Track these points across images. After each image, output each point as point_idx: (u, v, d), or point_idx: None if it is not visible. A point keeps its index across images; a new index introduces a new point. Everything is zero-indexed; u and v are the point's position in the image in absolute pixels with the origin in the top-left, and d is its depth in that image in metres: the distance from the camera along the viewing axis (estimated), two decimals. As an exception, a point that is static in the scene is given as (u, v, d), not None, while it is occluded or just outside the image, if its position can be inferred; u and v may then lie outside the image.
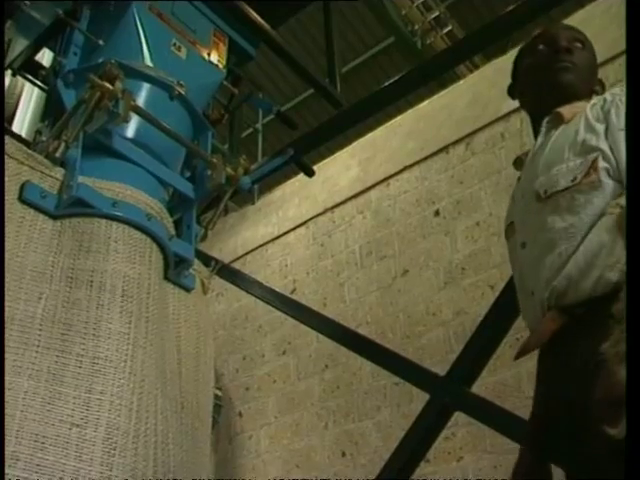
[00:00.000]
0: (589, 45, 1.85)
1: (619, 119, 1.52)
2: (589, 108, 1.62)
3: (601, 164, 1.49)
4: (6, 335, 1.49)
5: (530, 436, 1.60)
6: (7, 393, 1.42)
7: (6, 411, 1.39)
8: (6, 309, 1.51)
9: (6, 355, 1.46)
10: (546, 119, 1.74)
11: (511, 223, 1.77)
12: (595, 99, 1.66)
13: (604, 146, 1.51)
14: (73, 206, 1.72)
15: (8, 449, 1.36)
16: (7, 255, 1.58)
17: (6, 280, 1.54)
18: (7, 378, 1.44)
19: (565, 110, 1.69)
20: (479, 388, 2.96)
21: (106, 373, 1.53)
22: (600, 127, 1.54)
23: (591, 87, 1.79)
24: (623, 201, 1.39)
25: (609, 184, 1.47)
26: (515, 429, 2.65)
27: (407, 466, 2.84)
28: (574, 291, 1.43)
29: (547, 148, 1.67)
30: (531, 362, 1.61)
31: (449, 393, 2.80)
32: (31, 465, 1.37)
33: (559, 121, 1.69)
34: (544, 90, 1.79)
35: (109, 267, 1.69)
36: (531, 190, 1.64)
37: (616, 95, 1.58)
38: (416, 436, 2.85)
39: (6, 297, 1.52)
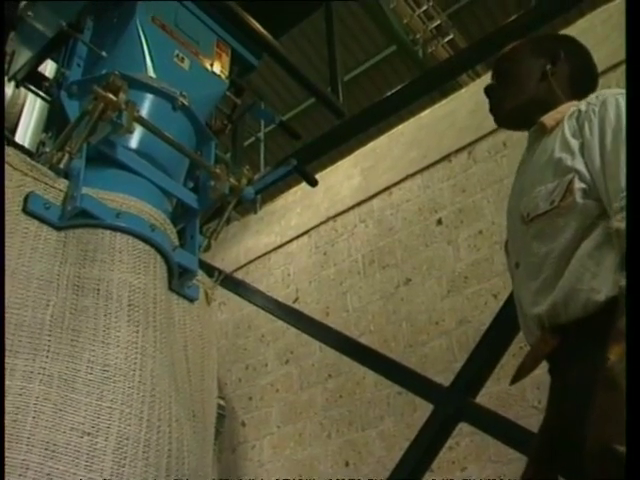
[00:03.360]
0: (515, 55, 1.82)
1: (593, 134, 1.49)
2: (567, 119, 1.59)
3: (577, 185, 1.47)
4: (16, 341, 1.48)
5: (535, 451, 1.59)
6: (19, 399, 1.41)
7: (18, 417, 1.38)
8: (14, 316, 1.51)
9: (17, 361, 1.46)
10: (532, 129, 1.73)
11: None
12: (574, 107, 1.61)
13: (579, 166, 1.48)
14: (77, 217, 1.72)
15: (19, 457, 1.35)
16: (13, 264, 1.58)
17: (13, 288, 1.54)
18: (18, 383, 1.43)
19: (548, 119, 1.66)
20: (482, 397, 2.96)
21: (116, 381, 1.53)
22: (575, 143, 1.52)
23: (545, 85, 1.74)
24: (616, 223, 1.35)
25: (586, 204, 1.45)
26: (519, 439, 2.64)
27: (411, 477, 2.83)
28: (564, 314, 1.43)
29: (530, 165, 1.67)
30: (536, 371, 1.61)
31: (453, 404, 2.80)
32: (41, 474, 1.35)
33: (542, 131, 1.67)
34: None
35: (115, 276, 1.69)
36: (517, 210, 1.64)
37: (590, 105, 1.55)
38: (420, 447, 2.85)
39: (14, 304, 1.53)
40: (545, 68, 1.74)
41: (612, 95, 1.52)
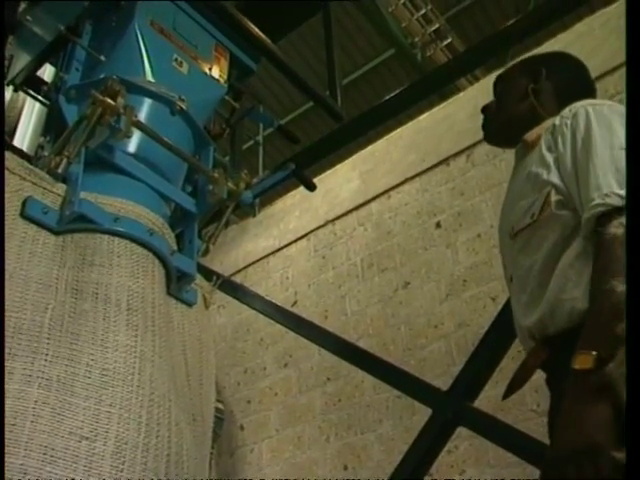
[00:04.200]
0: (506, 76, 1.90)
1: (565, 146, 1.52)
2: (543, 134, 1.62)
3: (554, 197, 1.50)
4: (15, 344, 1.48)
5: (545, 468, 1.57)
6: (17, 403, 1.40)
7: (16, 421, 1.38)
8: (13, 319, 1.51)
9: (16, 364, 1.45)
10: (517, 147, 1.77)
11: None
12: (550, 120, 1.64)
13: (555, 179, 1.51)
14: (75, 222, 1.72)
15: (17, 462, 1.34)
16: (11, 268, 1.58)
17: (11, 291, 1.54)
18: (17, 387, 1.42)
19: (529, 135, 1.70)
20: (481, 401, 2.95)
21: (115, 385, 1.52)
22: (550, 158, 1.55)
23: (529, 103, 1.77)
24: (612, 229, 1.35)
25: (563, 215, 1.48)
26: (517, 443, 2.64)
27: (410, 481, 2.83)
28: (552, 325, 1.45)
29: (516, 181, 1.71)
30: (534, 375, 1.61)
31: (451, 408, 2.79)
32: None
33: (526, 148, 1.71)
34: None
35: (113, 280, 1.69)
36: (506, 226, 1.68)
37: (563, 118, 1.57)
38: (419, 450, 2.84)
39: (12, 307, 1.52)
40: (527, 87, 1.78)
41: (582, 106, 1.56)
